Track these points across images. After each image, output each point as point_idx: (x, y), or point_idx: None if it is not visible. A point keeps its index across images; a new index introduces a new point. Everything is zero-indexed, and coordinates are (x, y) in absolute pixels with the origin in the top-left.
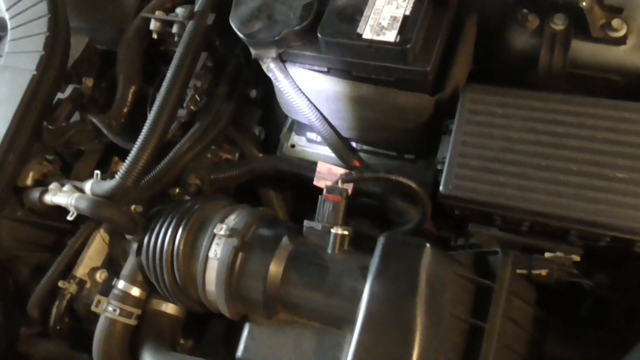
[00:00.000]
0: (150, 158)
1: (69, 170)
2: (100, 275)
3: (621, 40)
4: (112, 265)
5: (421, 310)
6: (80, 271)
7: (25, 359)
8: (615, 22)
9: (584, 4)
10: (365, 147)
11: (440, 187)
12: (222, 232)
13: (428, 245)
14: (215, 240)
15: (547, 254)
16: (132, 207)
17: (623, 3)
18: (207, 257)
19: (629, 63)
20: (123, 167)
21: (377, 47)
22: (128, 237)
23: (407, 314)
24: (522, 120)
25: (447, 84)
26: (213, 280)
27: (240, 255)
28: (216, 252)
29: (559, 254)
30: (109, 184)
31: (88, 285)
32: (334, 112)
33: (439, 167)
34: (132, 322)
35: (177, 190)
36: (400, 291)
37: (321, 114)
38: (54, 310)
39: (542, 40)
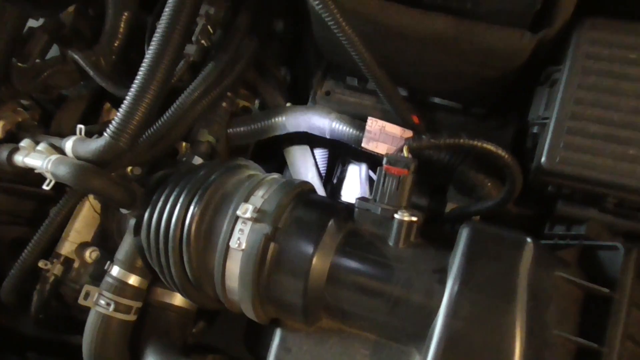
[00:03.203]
0: (149, 109)
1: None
2: (90, 254)
3: None
4: (106, 240)
5: (520, 328)
6: (66, 248)
7: None
8: None
9: None
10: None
11: (542, 160)
12: (247, 215)
13: (529, 240)
14: (239, 225)
15: None
16: (129, 169)
17: None
18: (227, 248)
19: None
20: (113, 123)
21: None
22: (123, 211)
23: (502, 333)
24: None
25: (554, 17)
26: (236, 274)
27: (272, 246)
28: (240, 241)
29: None
30: (96, 144)
31: (76, 264)
32: (391, 52)
33: (534, 130)
34: (130, 317)
35: (184, 144)
36: (492, 303)
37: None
38: (35, 297)
39: None
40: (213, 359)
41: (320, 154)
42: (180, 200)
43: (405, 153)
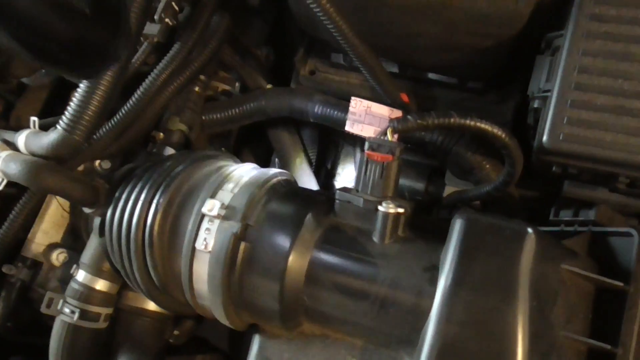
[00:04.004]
0: (106, 98)
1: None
2: (57, 257)
3: None
4: (77, 241)
5: (523, 331)
6: (33, 250)
7: None
8: None
9: None
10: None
11: (544, 138)
12: (214, 213)
13: (531, 231)
14: (205, 224)
15: None
16: (97, 163)
17: None
18: (193, 250)
19: None
20: (66, 114)
21: None
22: (87, 210)
23: (502, 338)
24: None
25: None
26: (205, 278)
27: (242, 246)
28: (207, 242)
29: None
30: (48, 139)
31: (45, 267)
32: (375, 25)
33: (535, 104)
34: (99, 325)
35: (160, 134)
36: (490, 303)
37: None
38: (0, 304)
39: None
40: None
41: (311, 135)
42: (142, 196)
43: (389, 136)
